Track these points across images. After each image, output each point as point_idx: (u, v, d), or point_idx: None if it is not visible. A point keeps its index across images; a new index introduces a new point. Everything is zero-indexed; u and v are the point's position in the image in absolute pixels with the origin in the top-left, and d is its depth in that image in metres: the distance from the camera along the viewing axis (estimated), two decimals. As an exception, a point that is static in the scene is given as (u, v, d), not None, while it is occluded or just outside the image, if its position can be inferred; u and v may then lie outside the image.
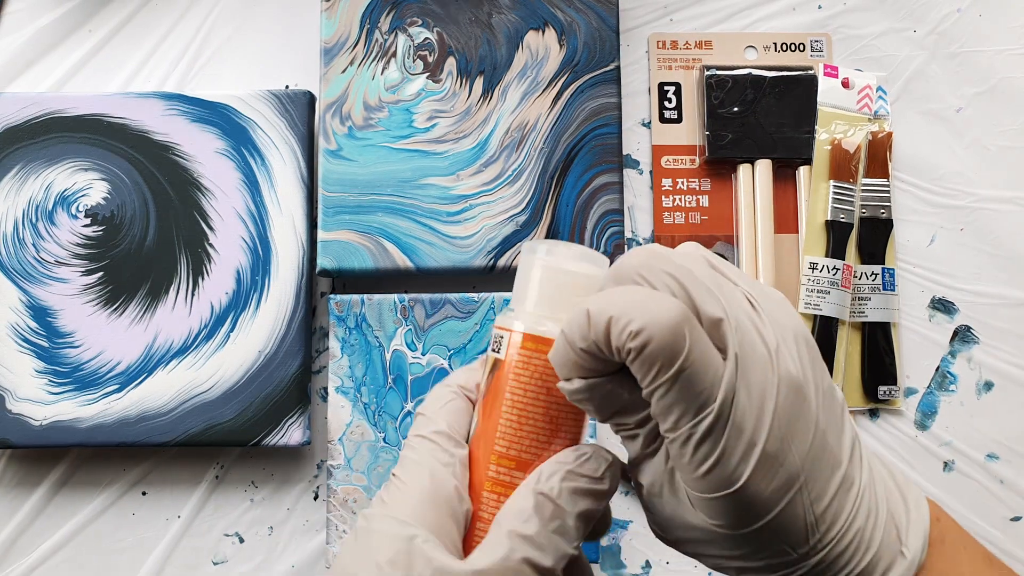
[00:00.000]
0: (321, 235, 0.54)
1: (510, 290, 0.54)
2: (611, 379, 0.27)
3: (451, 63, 0.56)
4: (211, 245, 0.54)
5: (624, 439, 0.29)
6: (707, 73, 0.58)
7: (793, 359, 0.26)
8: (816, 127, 0.57)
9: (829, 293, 0.55)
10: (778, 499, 0.25)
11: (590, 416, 0.29)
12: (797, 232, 0.58)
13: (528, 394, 0.29)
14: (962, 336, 0.58)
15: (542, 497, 0.27)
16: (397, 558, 0.26)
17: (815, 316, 0.55)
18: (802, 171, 0.58)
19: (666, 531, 0.29)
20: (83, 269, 0.54)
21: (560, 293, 0.29)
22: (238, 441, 0.52)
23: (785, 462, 0.25)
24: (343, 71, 0.55)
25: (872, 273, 0.57)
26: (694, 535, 0.28)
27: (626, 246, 0.57)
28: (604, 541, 0.55)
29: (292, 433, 0.52)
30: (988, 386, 0.57)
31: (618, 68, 0.56)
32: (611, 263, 0.56)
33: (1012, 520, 0.56)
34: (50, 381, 0.53)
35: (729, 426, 0.25)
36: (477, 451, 0.29)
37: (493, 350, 0.30)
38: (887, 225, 0.57)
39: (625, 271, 0.27)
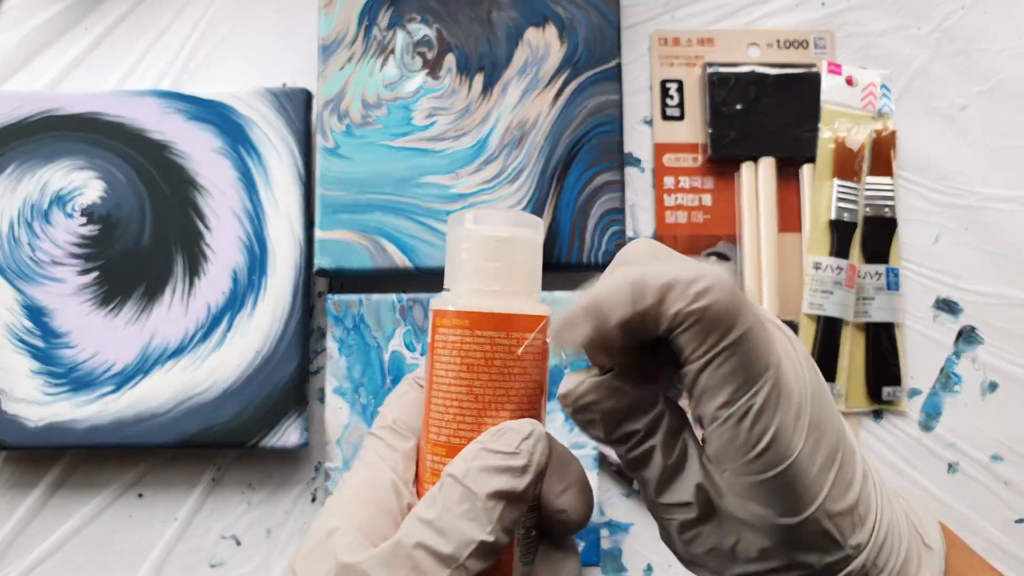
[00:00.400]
0: (319, 234, 0.53)
1: (510, 290, 0.53)
2: (614, 376, 0.26)
3: (450, 60, 0.55)
4: (207, 244, 0.54)
5: (636, 462, 0.26)
6: (709, 70, 0.57)
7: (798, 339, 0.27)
8: (819, 125, 0.57)
9: (833, 293, 0.55)
10: (825, 476, 0.24)
11: (594, 435, 0.26)
12: (800, 231, 0.57)
13: (450, 374, 0.27)
14: (966, 336, 0.57)
15: (450, 479, 0.25)
16: (312, 551, 0.26)
17: (819, 316, 0.55)
18: (805, 169, 0.57)
19: (705, 560, 0.27)
20: (79, 269, 0.54)
21: (494, 263, 0.27)
22: (235, 443, 0.52)
23: (825, 434, 0.25)
24: (341, 68, 0.55)
25: (876, 273, 0.56)
26: (741, 553, 0.26)
27: (627, 245, 0.57)
28: (605, 544, 0.55)
29: (289, 435, 0.52)
30: (993, 387, 0.57)
31: (619, 65, 0.56)
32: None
33: (1016, 522, 0.55)
34: (46, 382, 0.52)
35: (783, 395, 0.24)
36: (422, 442, 0.28)
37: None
38: (891, 224, 0.57)
39: (637, 256, 0.26)
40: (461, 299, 0.27)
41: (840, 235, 0.56)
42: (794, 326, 0.55)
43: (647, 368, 0.26)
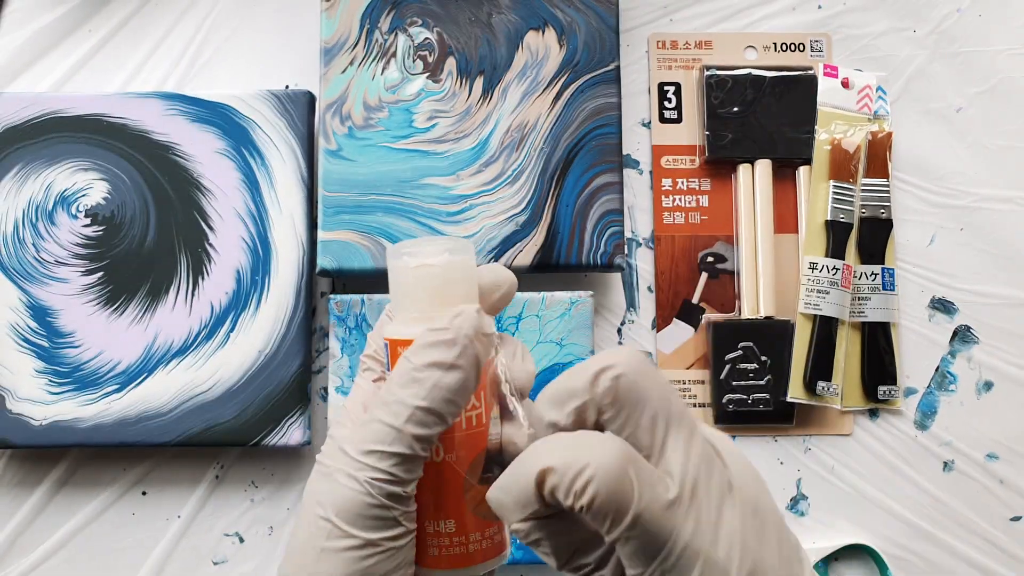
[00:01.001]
0: (321, 235, 0.54)
1: (510, 290, 0.54)
2: (556, 519, 0.27)
3: (451, 63, 0.56)
4: (211, 245, 0.54)
5: None
6: (707, 73, 0.58)
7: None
8: (816, 127, 0.57)
9: (829, 293, 0.55)
10: None
11: (548, 562, 0.28)
12: (797, 232, 0.58)
13: None
14: (962, 336, 0.58)
15: (402, 359, 0.28)
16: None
17: (815, 316, 0.55)
18: (802, 171, 0.58)
19: None
20: (83, 269, 0.54)
21: (431, 290, 0.29)
22: (238, 441, 0.52)
23: None
24: (343, 71, 0.55)
25: (872, 273, 0.57)
26: None
27: (626, 246, 0.57)
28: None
29: (292, 433, 0.53)
30: (988, 386, 0.57)
31: (618, 68, 0.56)
32: (610, 262, 0.55)
33: (1012, 520, 0.56)
34: (50, 381, 0.53)
35: (698, 563, 0.24)
36: None
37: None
38: (887, 225, 0.57)
39: (560, 396, 0.27)
40: (403, 328, 0.29)
41: (836, 236, 0.56)
42: (790, 326, 0.56)
43: None
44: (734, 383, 0.55)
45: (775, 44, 0.60)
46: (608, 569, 0.27)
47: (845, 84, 0.58)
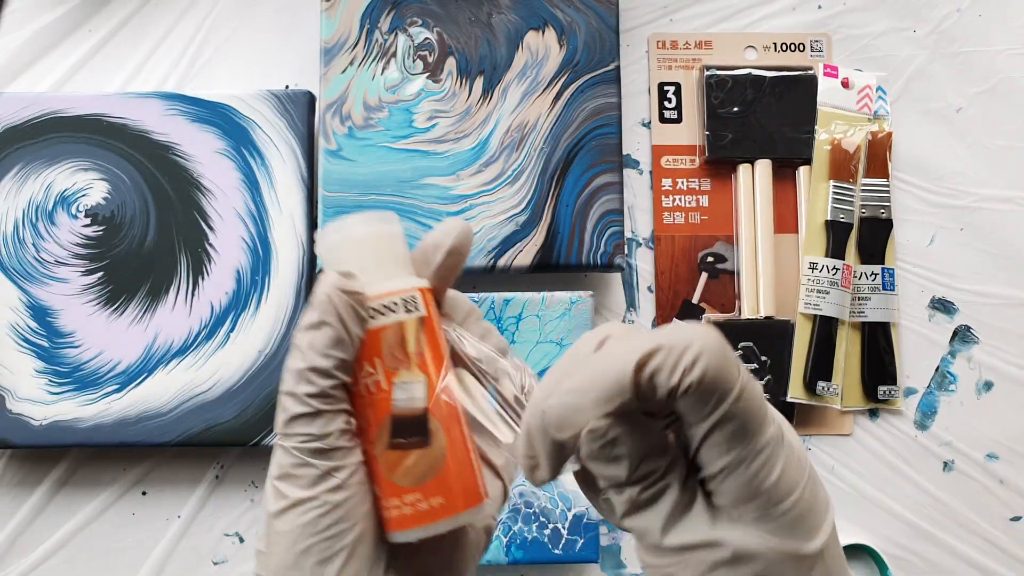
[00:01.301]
0: (321, 235, 0.54)
1: (511, 289, 0.54)
2: (639, 412, 0.26)
3: (451, 63, 0.56)
4: (211, 245, 0.54)
5: (646, 501, 0.27)
6: (707, 73, 0.58)
7: None
8: (816, 127, 0.57)
9: (829, 293, 0.55)
10: (825, 515, 0.26)
11: (613, 475, 0.26)
12: (797, 232, 0.58)
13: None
14: (962, 336, 0.58)
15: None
16: None
17: (815, 316, 0.55)
18: (802, 171, 0.58)
19: None
20: (83, 269, 0.54)
21: (332, 264, 0.30)
22: (238, 441, 0.52)
23: (819, 485, 0.26)
24: (343, 71, 0.55)
25: (872, 273, 0.57)
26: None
27: (626, 246, 0.57)
28: (604, 541, 0.55)
29: (292, 433, 0.52)
30: (988, 386, 0.57)
31: (618, 68, 0.56)
32: (610, 262, 0.55)
33: (1012, 520, 0.56)
34: (50, 381, 0.53)
35: (784, 440, 0.26)
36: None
37: None
38: (887, 225, 0.57)
39: (615, 330, 0.28)
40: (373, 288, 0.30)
41: (836, 236, 0.56)
42: (790, 326, 0.56)
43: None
44: (734, 383, 0.55)
45: (775, 44, 0.60)
46: (674, 475, 0.26)
47: (845, 84, 0.58)
